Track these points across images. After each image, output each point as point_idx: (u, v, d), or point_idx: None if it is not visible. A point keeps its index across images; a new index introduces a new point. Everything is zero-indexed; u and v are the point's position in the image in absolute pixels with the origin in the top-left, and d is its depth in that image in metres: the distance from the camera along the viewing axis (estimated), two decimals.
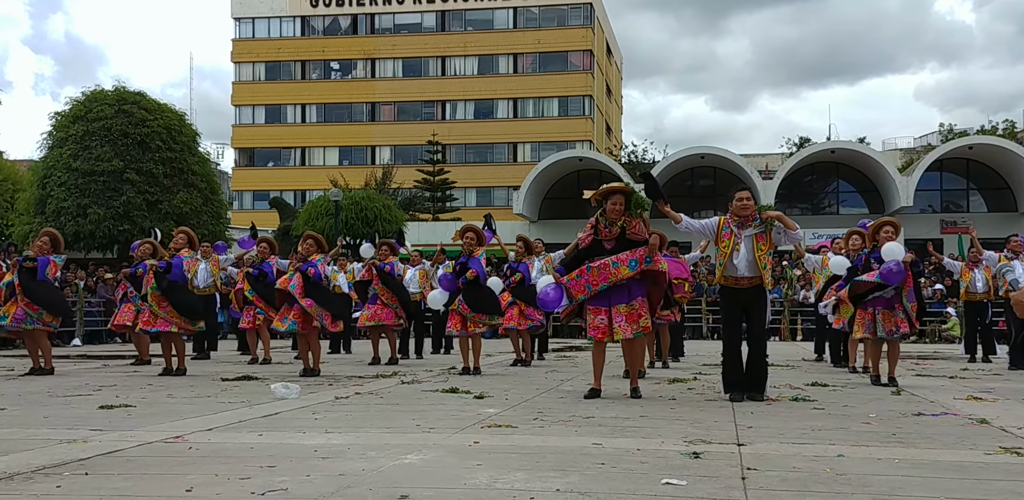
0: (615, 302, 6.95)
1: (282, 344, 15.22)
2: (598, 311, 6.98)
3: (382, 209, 30.40)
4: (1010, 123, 59.90)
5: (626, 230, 6.93)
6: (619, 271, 6.85)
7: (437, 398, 7.15)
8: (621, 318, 6.92)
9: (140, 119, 25.43)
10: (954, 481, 3.83)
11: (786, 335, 20.53)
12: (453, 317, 9.65)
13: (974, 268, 12.61)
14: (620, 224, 6.93)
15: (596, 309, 6.99)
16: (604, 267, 6.87)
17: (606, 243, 6.96)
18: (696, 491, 3.59)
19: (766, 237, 6.99)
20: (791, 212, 36.32)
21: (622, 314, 6.93)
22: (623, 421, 5.74)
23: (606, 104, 60.41)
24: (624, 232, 6.93)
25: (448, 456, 4.40)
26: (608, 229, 6.96)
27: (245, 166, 56.82)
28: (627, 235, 6.93)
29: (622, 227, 6.93)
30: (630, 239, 6.93)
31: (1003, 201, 34.47)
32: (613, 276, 6.85)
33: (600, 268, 6.88)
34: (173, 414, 6.11)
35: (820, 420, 5.83)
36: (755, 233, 6.98)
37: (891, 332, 8.36)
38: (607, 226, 6.97)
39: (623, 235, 6.93)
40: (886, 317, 8.34)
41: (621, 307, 6.93)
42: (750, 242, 6.95)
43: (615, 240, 6.95)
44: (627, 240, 6.93)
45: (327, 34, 56.35)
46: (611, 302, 6.96)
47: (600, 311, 6.97)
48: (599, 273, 6.89)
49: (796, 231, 7.07)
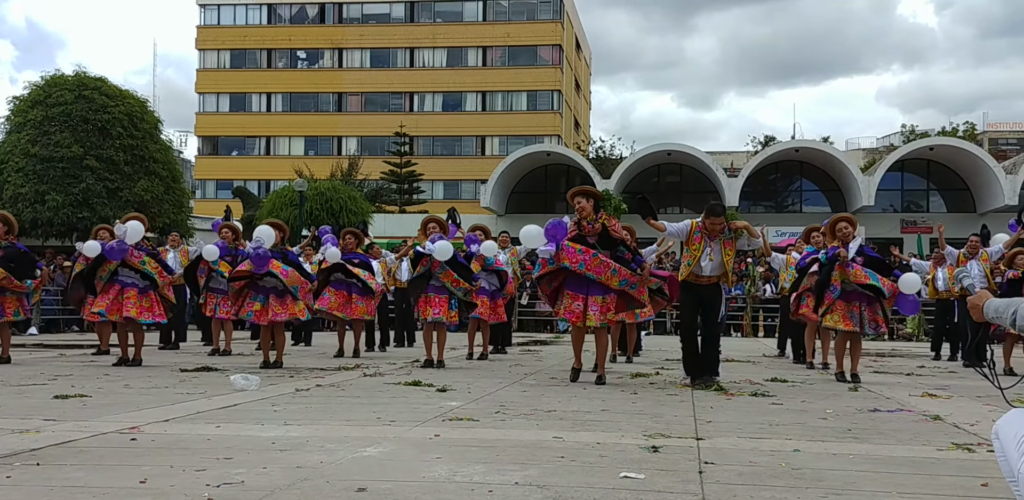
0: (592, 293, 7.65)
1: (242, 335, 15.08)
2: (576, 297, 7.67)
3: (348, 200, 30.19)
4: (970, 125, 61.07)
5: (608, 228, 7.66)
6: (611, 278, 7.54)
7: (399, 391, 7.13)
8: (596, 307, 7.62)
9: (101, 105, 24.97)
10: (906, 476, 3.89)
11: (748, 331, 20.75)
12: (425, 304, 9.46)
13: (938, 267, 12.80)
14: (601, 221, 7.68)
15: (574, 295, 7.68)
16: (605, 265, 7.53)
17: (589, 238, 7.66)
18: (653, 485, 3.61)
19: (732, 243, 7.85)
20: (755, 209, 36.75)
21: (597, 304, 7.63)
22: (584, 415, 5.76)
23: (575, 99, 60.51)
24: (606, 229, 7.66)
25: (408, 449, 4.38)
26: (591, 226, 7.68)
27: (209, 155, 56.14)
28: (609, 232, 7.66)
29: (603, 224, 7.66)
30: (612, 237, 7.66)
31: (962, 202, 35.11)
32: (605, 278, 7.54)
33: (601, 263, 7.53)
34: (129, 405, 6.02)
35: (778, 415, 5.89)
36: (724, 240, 7.82)
37: (875, 328, 8.54)
38: (590, 223, 7.70)
39: (605, 232, 7.66)
40: (871, 313, 8.46)
41: (597, 298, 7.64)
42: (719, 247, 7.78)
43: (597, 236, 7.67)
44: (610, 238, 7.65)
45: (294, 22, 55.79)
46: (588, 292, 7.66)
47: (578, 297, 7.66)
48: (597, 264, 7.53)
49: (758, 239, 7.96)
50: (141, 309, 9.49)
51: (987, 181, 32.82)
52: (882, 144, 62.97)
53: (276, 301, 9.21)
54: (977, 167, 33.03)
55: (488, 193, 35.36)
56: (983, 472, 3.90)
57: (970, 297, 3.07)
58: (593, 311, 7.58)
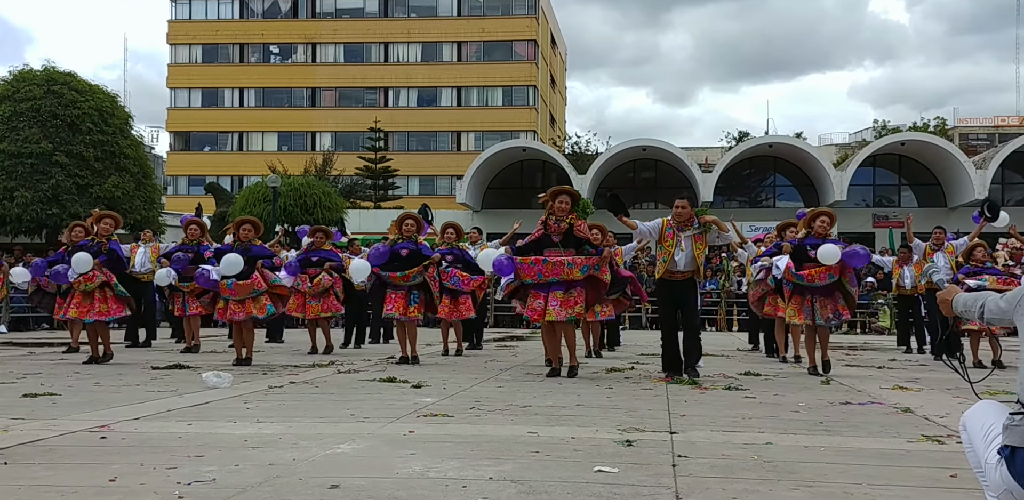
0: (553, 289, 7.82)
1: (218, 333, 14.95)
2: (537, 295, 7.87)
3: (322, 196, 29.98)
4: (941, 120, 61.77)
5: (573, 227, 7.80)
6: (571, 272, 7.73)
7: (374, 387, 7.10)
8: (556, 302, 7.75)
9: (70, 100, 24.64)
10: (877, 468, 3.93)
11: (722, 325, 20.87)
12: (394, 301, 9.44)
13: (903, 265, 12.95)
14: (568, 221, 7.81)
15: (536, 294, 7.89)
16: (560, 265, 7.72)
17: (554, 237, 7.81)
18: (627, 478, 3.62)
19: (703, 238, 7.94)
20: (729, 205, 36.94)
21: (558, 299, 7.76)
22: (559, 410, 5.77)
23: (550, 95, 60.50)
24: (572, 228, 7.80)
25: (382, 445, 4.36)
26: (557, 225, 7.83)
27: (180, 150, 55.56)
28: (574, 232, 7.81)
29: (570, 224, 7.80)
30: (576, 236, 7.81)
31: (933, 197, 35.49)
32: (565, 274, 7.72)
33: (556, 264, 7.73)
34: (99, 403, 5.95)
35: (751, 409, 5.93)
36: (693, 234, 7.92)
37: (828, 319, 8.53)
38: (556, 222, 7.84)
39: (570, 231, 7.80)
40: (823, 304, 8.51)
41: (559, 293, 7.78)
42: (690, 242, 7.90)
43: (563, 235, 7.81)
44: (574, 237, 7.81)
45: (267, 17, 55.28)
46: (550, 289, 7.83)
47: (539, 295, 7.85)
48: (553, 268, 7.74)
49: (728, 233, 8.11)
50: (109, 308, 9.57)
51: (957, 176, 33.20)
52: (854, 139, 63.51)
53: (233, 302, 9.31)
54: (947, 162, 33.39)
55: (464, 189, 35.29)
56: (952, 463, 3.94)
57: (939, 292, 3.11)
58: (553, 306, 7.73)
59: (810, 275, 8.38)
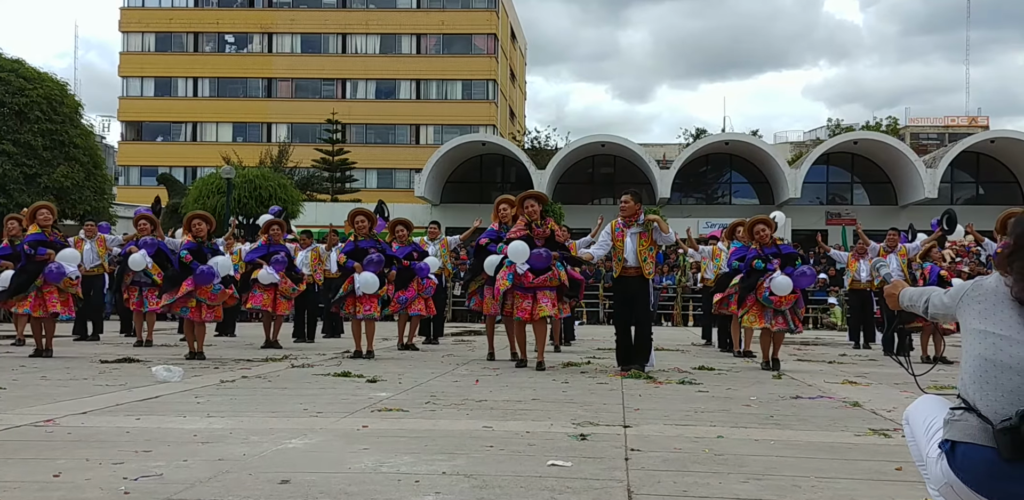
0: (540, 289, 8.21)
1: (168, 326, 14.71)
2: (525, 296, 8.20)
3: (277, 188, 29.66)
4: (893, 120, 62.93)
5: (555, 233, 8.27)
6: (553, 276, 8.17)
7: (328, 382, 7.04)
8: (547, 300, 8.18)
9: (18, 88, 24.05)
10: (824, 461, 4.00)
11: (678, 320, 21.07)
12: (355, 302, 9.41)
13: (860, 259, 13.13)
14: (550, 227, 8.27)
15: (524, 295, 8.20)
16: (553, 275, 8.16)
17: (537, 240, 8.18)
18: (580, 472, 3.64)
19: (648, 235, 8.23)
20: (687, 201, 37.30)
21: (548, 298, 8.20)
22: (515, 404, 5.78)
23: (510, 89, 60.43)
24: (553, 235, 8.26)
25: (334, 440, 4.33)
26: (541, 230, 8.24)
27: (132, 140, 54.50)
28: (555, 237, 8.27)
29: (551, 230, 8.25)
30: (556, 241, 8.26)
31: (884, 195, 36.18)
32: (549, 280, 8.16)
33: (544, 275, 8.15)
34: (46, 397, 5.83)
35: (703, 403, 6.00)
36: (638, 232, 8.24)
37: (786, 324, 8.71)
38: (539, 227, 8.24)
39: (552, 237, 8.25)
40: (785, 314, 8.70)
41: (547, 292, 8.22)
42: (634, 238, 8.22)
43: (544, 240, 8.22)
44: (555, 242, 8.25)
45: (222, 6, 54.40)
46: (538, 290, 8.22)
47: (527, 296, 8.20)
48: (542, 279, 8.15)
49: (668, 234, 8.37)
50: (64, 305, 9.46)
51: (908, 174, 33.86)
52: (809, 138, 64.42)
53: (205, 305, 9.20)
54: (899, 161, 34.03)
55: (423, 182, 35.12)
56: (897, 457, 4.02)
57: (886, 286, 3.15)
58: (544, 303, 8.16)
59: (779, 301, 8.57)
